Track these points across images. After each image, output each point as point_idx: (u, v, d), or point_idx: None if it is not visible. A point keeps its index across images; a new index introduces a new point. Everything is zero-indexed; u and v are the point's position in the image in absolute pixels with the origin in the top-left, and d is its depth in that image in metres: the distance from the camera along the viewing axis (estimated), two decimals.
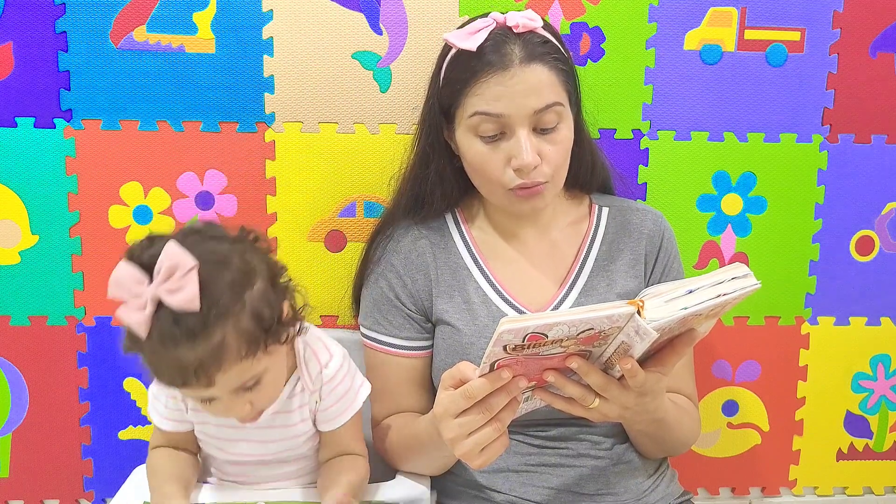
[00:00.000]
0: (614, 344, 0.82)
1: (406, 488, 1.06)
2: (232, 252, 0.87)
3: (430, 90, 1.09)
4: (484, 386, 0.82)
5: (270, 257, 0.93)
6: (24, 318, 1.31)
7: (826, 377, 1.44)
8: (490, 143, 1.02)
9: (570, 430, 1.08)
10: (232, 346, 0.84)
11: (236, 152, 1.29)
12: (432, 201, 1.12)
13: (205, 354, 0.83)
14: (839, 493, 1.50)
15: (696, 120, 1.34)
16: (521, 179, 1.01)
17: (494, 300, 1.09)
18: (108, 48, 1.24)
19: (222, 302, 0.83)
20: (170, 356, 0.83)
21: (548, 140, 1.02)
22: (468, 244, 1.13)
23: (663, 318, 0.78)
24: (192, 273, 0.81)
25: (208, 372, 0.84)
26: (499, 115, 0.99)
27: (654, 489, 1.11)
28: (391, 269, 1.12)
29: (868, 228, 1.40)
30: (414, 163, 1.13)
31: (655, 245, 1.14)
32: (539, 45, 1.01)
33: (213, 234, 0.90)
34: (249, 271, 0.87)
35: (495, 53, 0.99)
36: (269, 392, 0.95)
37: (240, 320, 0.84)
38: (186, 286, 0.80)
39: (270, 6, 1.25)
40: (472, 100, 1.01)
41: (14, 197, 1.28)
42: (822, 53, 1.33)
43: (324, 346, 1.02)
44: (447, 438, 0.86)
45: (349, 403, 1.02)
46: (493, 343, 0.77)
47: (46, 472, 1.36)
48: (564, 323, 0.76)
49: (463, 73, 1.01)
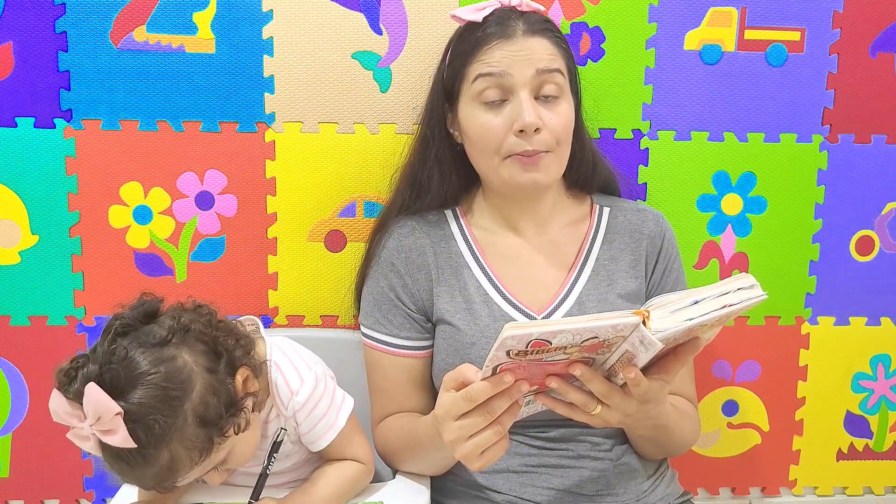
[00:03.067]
0: (618, 352, 0.82)
1: (406, 488, 1.06)
2: (160, 364, 0.84)
3: (435, 77, 1.13)
4: (486, 389, 0.81)
5: (210, 333, 0.90)
6: (24, 318, 1.31)
7: (826, 377, 1.44)
8: (493, 110, 1.04)
9: (571, 432, 1.08)
10: (182, 458, 0.85)
11: (236, 152, 1.29)
12: (430, 187, 1.13)
13: (157, 473, 0.84)
14: (839, 493, 1.50)
15: (696, 120, 1.34)
16: (523, 145, 1.02)
17: (495, 299, 1.09)
18: (108, 48, 1.24)
19: (159, 429, 0.82)
20: (126, 475, 0.85)
21: (550, 109, 1.04)
22: (469, 243, 1.13)
23: (669, 329, 0.78)
24: (117, 418, 0.80)
25: (166, 483, 0.86)
26: (501, 74, 1.02)
27: (654, 490, 1.11)
28: (392, 268, 1.12)
29: (868, 228, 1.40)
30: (414, 148, 1.16)
31: (656, 246, 1.14)
32: (542, 22, 1.06)
33: (142, 339, 0.85)
34: (184, 380, 0.85)
35: (499, 25, 1.04)
36: (246, 457, 0.95)
37: (184, 433, 0.84)
38: (117, 430, 0.80)
39: (270, 6, 1.25)
40: (475, 66, 1.05)
41: (14, 197, 1.28)
42: (822, 53, 1.33)
43: (295, 371, 1.00)
44: (447, 440, 0.86)
45: (330, 424, 1.01)
46: (496, 347, 0.76)
47: (46, 472, 1.36)
48: (569, 331, 0.76)
49: (468, 43, 1.06)
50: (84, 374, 0.81)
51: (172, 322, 0.88)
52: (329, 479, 1.01)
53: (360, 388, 1.16)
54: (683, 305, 0.80)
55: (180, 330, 0.87)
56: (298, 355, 1.02)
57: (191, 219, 1.30)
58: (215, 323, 0.93)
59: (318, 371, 1.01)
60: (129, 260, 1.30)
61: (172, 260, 1.31)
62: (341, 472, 1.03)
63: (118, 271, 1.30)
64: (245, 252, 1.32)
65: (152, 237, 1.30)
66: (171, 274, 1.31)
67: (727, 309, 0.80)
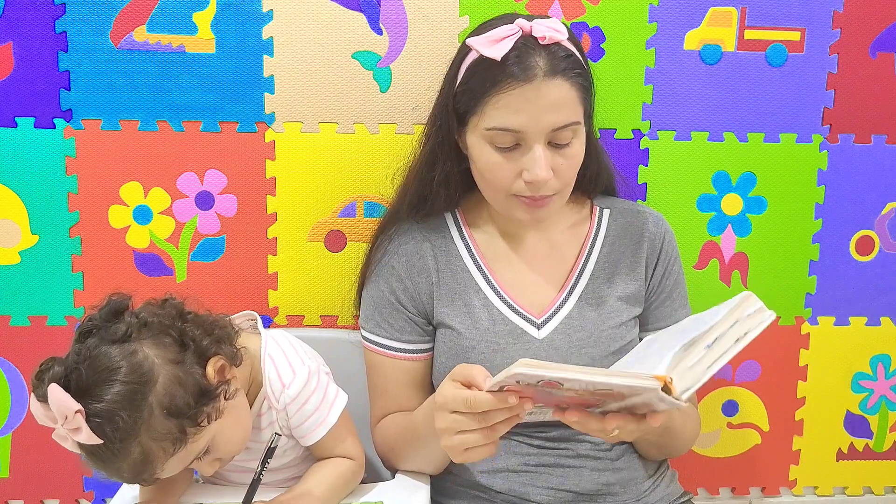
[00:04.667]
0: (630, 402, 0.80)
1: (405, 488, 1.06)
2: (121, 360, 0.85)
3: (444, 90, 1.08)
4: (489, 403, 0.81)
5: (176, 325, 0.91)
6: (24, 318, 1.31)
7: (826, 377, 1.44)
8: (504, 154, 1.01)
9: (571, 432, 1.07)
10: (154, 450, 0.86)
11: (236, 152, 1.29)
12: (435, 202, 1.11)
13: (132, 466, 0.85)
14: (839, 493, 1.50)
15: (696, 120, 1.34)
16: (530, 191, 1.01)
17: (495, 303, 1.09)
18: (108, 48, 1.24)
19: (123, 424, 0.83)
20: (104, 470, 0.86)
21: (561, 154, 1.01)
22: (469, 246, 1.13)
23: (693, 387, 0.74)
24: (78, 416, 0.82)
25: (144, 476, 0.87)
26: (517, 131, 0.98)
27: (654, 489, 1.11)
28: (392, 271, 1.12)
29: (868, 228, 1.40)
30: (421, 163, 1.12)
31: (656, 248, 1.14)
32: (563, 59, 0.99)
33: (104, 338, 0.87)
34: (146, 373, 0.85)
35: (519, 65, 0.97)
36: (234, 446, 0.95)
37: (151, 426, 0.85)
38: (81, 427, 0.82)
39: (270, 6, 1.25)
40: (490, 110, 0.99)
41: (14, 197, 1.28)
42: (822, 53, 1.33)
43: (289, 365, 1.01)
44: (438, 427, 0.86)
45: (320, 420, 1.01)
46: (505, 375, 0.76)
47: (46, 472, 1.36)
48: (583, 381, 0.74)
49: (484, 81, 0.99)
50: (49, 376, 0.84)
51: (132, 318, 0.89)
52: (320, 477, 1.02)
53: (360, 388, 1.16)
54: (700, 356, 0.76)
55: (141, 325, 0.89)
56: (294, 349, 1.03)
57: (191, 219, 1.30)
58: (184, 315, 0.94)
59: (312, 366, 1.02)
60: (129, 260, 1.30)
61: (172, 260, 1.31)
62: (332, 469, 1.03)
63: (118, 271, 1.30)
64: (245, 252, 1.32)
65: (152, 237, 1.30)
66: (171, 274, 1.31)
67: (741, 342, 0.77)
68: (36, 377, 0.85)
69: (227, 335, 0.96)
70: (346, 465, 1.04)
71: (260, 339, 1.03)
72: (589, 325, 1.08)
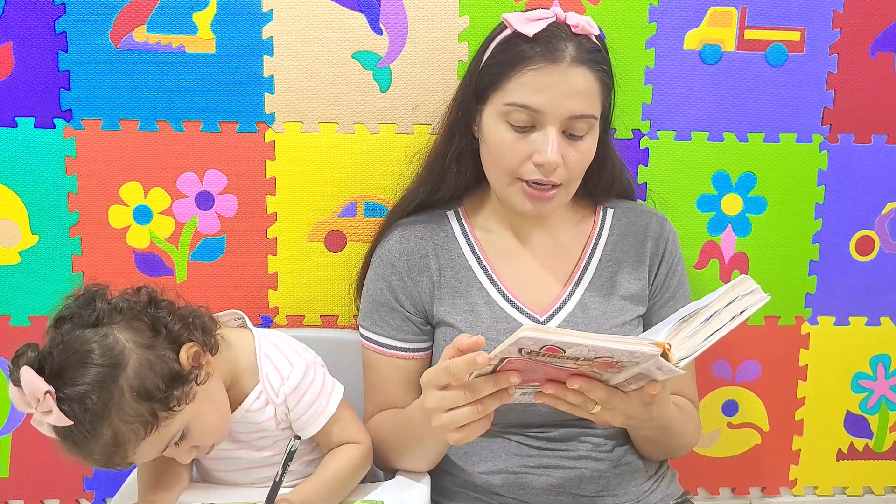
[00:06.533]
0: (628, 373, 0.82)
1: (405, 488, 1.06)
2: (92, 343, 0.86)
3: (470, 69, 1.10)
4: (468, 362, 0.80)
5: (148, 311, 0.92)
6: (24, 318, 1.31)
7: (826, 377, 1.44)
8: (517, 133, 1.02)
9: (572, 432, 1.08)
10: (125, 433, 0.86)
11: (236, 152, 1.29)
12: (446, 176, 1.12)
13: (105, 451, 0.86)
14: (839, 493, 1.50)
15: (696, 120, 1.34)
16: (537, 175, 1.02)
17: (497, 300, 1.09)
18: (108, 48, 1.24)
19: (92, 405, 0.83)
20: (76, 454, 0.87)
21: (573, 146, 1.02)
22: (471, 243, 1.13)
23: (691, 356, 0.79)
24: (48, 397, 0.82)
25: (116, 459, 0.87)
26: (536, 110, 1.00)
27: (654, 490, 1.11)
28: (393, 270, 1.12)
29: (868, 228, 1.40)
30: (438, 140, 1.14)
31: (660, 248, 1.14)
32: (591, 51, 1.02)
33: (76, 323, 0.88)
34: (116, 356, 0.86)
35: (548, 45, 1.00)
36: (209, 433, 0.95)
37: (121, 408, 0.85)
38: (52, 409, 0.82)
39: (270, 6, 1.25)
40: (513, 85, 1.01)
41: (14, 197, 1.28)
42: (822, 53, 1.33)
43: (285, 359, 1.02)
44: (427, 408, 0.86)
45: (320, 410, 1.02)
46: (509, 342, 0.76)
47: (46, 472, 1.36)
48: (585, 346, 0.76)
49: (512, 56, 1.02)
50: (23, 360, 0.85)
51: (104, 304, 0.90)
52: (331, 468, 1.02)
53: (360, 388, 1.16)
54: (697, 328, 0.81)
55: (113, 310, 0.90)
56: (288, 344, 1.04)
57: (191, 219, 1.30)
58: (157, 302, 0.95)
59: (309, 358, 1.03)
60: (129, 260, 1.30)
61: (172, 260, 1.31)
62: (342, 457, 1.03)
63: (118, 271, 1.30)
64: (245, 252, 1.32)
65: (152, 237, 1.30)
66: (171, 274, 1.31)
67: (737, 319, 0.82)
68: (12, 362, 0.86)
69: (203, 324, 0.97)
70: (353, 451, 1.04)
71: (248, 337, 1.04)
72: (592, 324, 1.08)
